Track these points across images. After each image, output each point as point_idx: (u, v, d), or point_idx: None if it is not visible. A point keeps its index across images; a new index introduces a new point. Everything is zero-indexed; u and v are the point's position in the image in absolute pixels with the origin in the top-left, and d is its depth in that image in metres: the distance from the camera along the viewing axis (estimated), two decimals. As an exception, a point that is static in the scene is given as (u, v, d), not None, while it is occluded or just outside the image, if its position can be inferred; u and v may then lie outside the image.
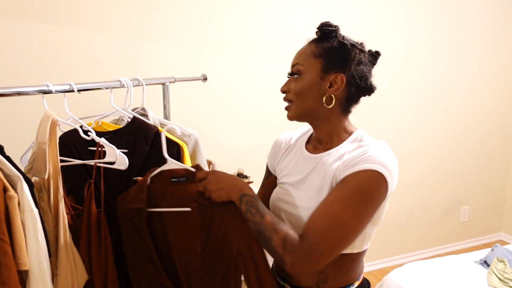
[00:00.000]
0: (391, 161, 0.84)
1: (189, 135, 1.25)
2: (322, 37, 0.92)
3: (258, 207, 0.85)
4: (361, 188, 0.81)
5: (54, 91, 0.96)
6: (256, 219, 0.84)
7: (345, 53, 0.91)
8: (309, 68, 0.91)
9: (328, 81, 0.91)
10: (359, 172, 0.82)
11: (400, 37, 2.57)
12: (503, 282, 1.95)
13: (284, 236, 0.80)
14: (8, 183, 0.84)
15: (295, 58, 0.96)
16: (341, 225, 0.80)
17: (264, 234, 0.82)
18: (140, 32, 1.91)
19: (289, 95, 0.95)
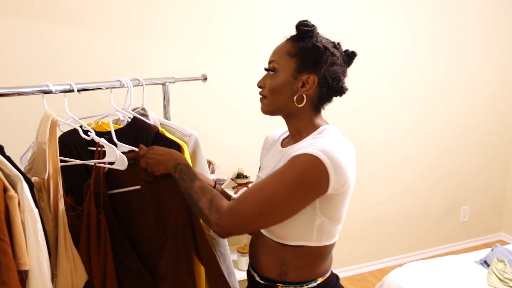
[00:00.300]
0: (338, 154, 0.85)
1: (189, 135, 1.25)
2: (299, 36, 0.95)
3: (189, 173, 0.92)
4: (299, 169, 0.84)
5: (54, 91, 0.96)
6: (187, 184, 0.91)
7: (318, 55, 0.93)
8: (284, 67, 0.95)
9: (300, 80, 0.94)
10: (301, 154, 0.85)
11: (400, 37, 2.57)
12: (503, 282, 1.95)
13: (211, 198, 0.87)
14: (8, 183, 0.84)
15: (272, 54, 0.98)
16: (271, 197, 0.84)
17: (193, 196, 0.89)
18: (140, 32, 1.91)
19: (263, 90, 0.99)
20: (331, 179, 0.84)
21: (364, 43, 2.47)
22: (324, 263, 0.99)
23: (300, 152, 0.85)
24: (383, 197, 2.75)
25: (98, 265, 1.01)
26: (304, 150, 0.85)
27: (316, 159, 0.82)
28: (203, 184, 0.91)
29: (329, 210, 0.90)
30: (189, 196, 0.90)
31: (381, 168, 2.69)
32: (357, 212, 2.67)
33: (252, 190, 0.87)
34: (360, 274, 2.73)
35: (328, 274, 1.02)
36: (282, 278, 0.97)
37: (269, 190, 0.84)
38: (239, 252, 2.00)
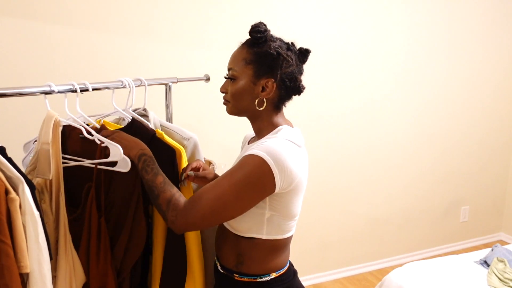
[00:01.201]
0: (283, 155, 0.89)
1: (189, 138, 1.23)
2: (252, 42, 0.99)
3: (153, 167, 0.95)
4: (245, 170, 0.89)
5: (57, 91, 0.96)
6: (149, 177, 0.94)
7: (273, 61, 0.97)
8: (242, 74, 0.99)
9: (259, 85, 0.98)
10: (248, 155, 0.90)
11: (400, 38, 2.56)
12: (503, 282, 1.95)
13: (170, 196, 0.92)
14: (10, 185, 0.83)
15: (230, 62, 1.02)
16: (221, 197, 0.89)
17: (154, 191, 0.93)
18: (143, 32, 1.90)
19: (226, 96, 1.03)
20: (276, 179, 0.89)
21: (364, 45, 2.46)
22: (279, 257, 1.03)
23: (248, 153, 0.90)
24: (383, 197, 2.75)
25: (96, 269, 1.00)
26: (251, 151, 0.90)
27: (262, 160, 0.88)
28: (165, 179, 0.94)
29: (279, 206, 0.95)
30: (150, 190, 0.94)
31: (381, 168, 2.69)
32: (357, 212, 2.67)
33: (206, 189, 0.91)
34: (360, 274, 2.73)
35: (284, 269, 1.06)
36: (238, 268, 1.02)
37: (220, 189, 0.90)
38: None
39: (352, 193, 2.62)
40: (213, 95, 2.10)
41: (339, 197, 2.59)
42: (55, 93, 0.95)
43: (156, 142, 1.10)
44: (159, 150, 1.08)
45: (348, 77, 2.45)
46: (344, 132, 2.49)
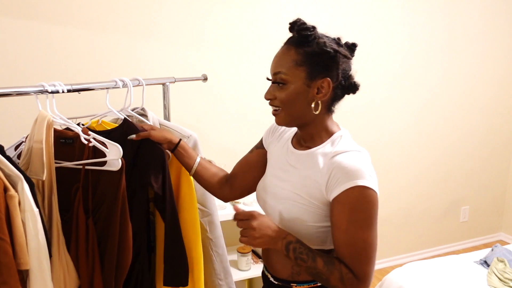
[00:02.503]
0: (369, 169, 0.89)
1: (188, 136, 1.25)
2: (300, 41, 0.91)
3: (307, 251, 0.89)
4: (359, 207, 0.86)
5: (55, 92, 0.96)
6: (309, 265, 0.88)
7: (329, 59, 0.91)
8: (294, 78, 0.90)
9: (315, 87, 0.91)
10: (349, 190, 0.86)
11: (400, 37, 2.57)
12: (503, 282, 1.95)
13: (339, 275, 0.87)
14: (9, 183, 0.84)
15: (276, 66, 0.94)
16: (369, 246, 0.88)
17: (321, 277, 0.89)
18: (140, 32, 1.91)
19: (275, 102, 0.95)
20: (377, 194, 0.89)
21: (364, 44, 2.47)
22: None
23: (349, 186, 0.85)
24: (383, 197, 2.75)
25: (86, 270, 1.00)
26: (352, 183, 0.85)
27: (368, 189, 0.86)
28: (324, 259, 0.88)
29: None
30: (316, 276, 0.89)
31: (381, 168, 2.69)
32: (357, 212, 2.67)
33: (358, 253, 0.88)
34: (360, 274, 2.72)
35: None
36: (295, 278, 1.00)
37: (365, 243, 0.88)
38: (239, 252, 2.00)
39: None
40: (211, 95, 2.12)
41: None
42: (52, 93, 0.96)
43: (146, 142, 1.09)
44: (149, 150, 1.08)
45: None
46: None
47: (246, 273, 2.00)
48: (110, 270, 1.01)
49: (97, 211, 1.03)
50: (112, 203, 1.00)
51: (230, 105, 2.18)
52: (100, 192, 1.02)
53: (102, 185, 1.02)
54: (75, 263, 1.00)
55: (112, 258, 1.01)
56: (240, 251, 2.00)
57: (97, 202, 1.03)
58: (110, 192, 1.01)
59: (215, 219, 1.38)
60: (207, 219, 1.35)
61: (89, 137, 1.00)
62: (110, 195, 1.00)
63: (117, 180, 0.99)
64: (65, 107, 1.11)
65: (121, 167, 0.98)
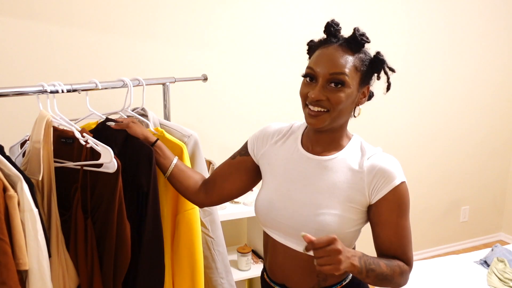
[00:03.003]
0: (399, 164, 0.95)
1: (189, 135, 1.25)
2: (356, 46, 0.93)
3: (372, 260, 0.90)
4: (404, 201, 0.93)
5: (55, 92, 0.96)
6: (378, 273, 0.89)
7: (379, 69, 0.96)
8: (352, 81, 0.91)
9: (361, 93, 0.96)
10: (396, 188, 0.91)
11: (400, 37, 2.57)
12: (503, 282, 1.95)
13: (400, 270, 0.92)
14: (8, 183, 0.84)
15: (337, 66, 0.89)
16: (410, 234, 0.96)
17: (387, 279, 0.91)
18: (141, 32, 1.91)
19: (324, 102, 0.90)
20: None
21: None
22: None
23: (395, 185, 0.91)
24: (383, 197, 2.75)
25: (85, 270, 1.00)
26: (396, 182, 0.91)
27: (405, 184, 0.93)
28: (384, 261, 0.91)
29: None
30: (383, 280, 0.91)
31: (381, 168, 2.69)
32: (357, 212, 2.67)
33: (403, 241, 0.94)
34: (360, 274, 2.72)
35: None
36: (321, 285, 0.98)
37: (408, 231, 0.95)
38: (239, 252, 2.00)
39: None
40: (211, 95, 2.12)
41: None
42: (52, 93, 0.96)
43: (131, 141, 1.07)
44: (136, 149, 1.06)
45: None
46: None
47: (246, 273, 1.99)
48: (108, 270, 1.01)
49: (96, 211, 1.02)
50: (109, 204, 1.00)
51: (230, 105, 2.18)
52: (98, 193, 1.02)
53: (100, 186, 1.02)
54: (74, 263, 1.00)
55: (110, 258, 1.01)
56: (240, 251, 2.00)
57: (96, 202, 1.02)
58: (107, 192, 1.00)
59: (216, 218, 1.37)
60: (208, 219, 1.35)
61: (86, 138, 1.00)
62: (108, 195, 1.00)
63: (114, 181, 0.98)
64: (65, 107, 1.11)
65: (117, 169, 0.97)
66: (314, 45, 0.97)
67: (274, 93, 2.25)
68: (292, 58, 2.20)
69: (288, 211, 0.95)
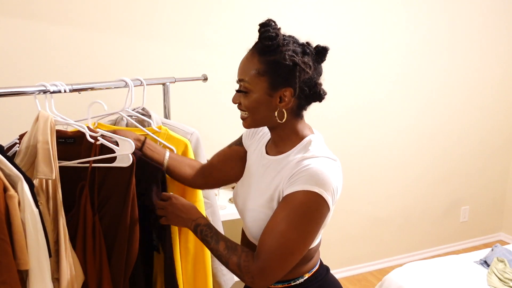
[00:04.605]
0: (329, 178, 0.86)
1: (191, 133, 1.28)
2: (263, 49, 0.90)
3: (212, 234, 0.96)
4: (302, 209, 0.85)
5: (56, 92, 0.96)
6: (212, 246, 0.95)
7: (289, 71, 0.89)
8: (256, 87, 0.90)
9: (277, 97, 0.91)
10: (298, 192, 0.85)
11: (400, 37, 2.57)
12: (503, 282, 1.95)
13: (238, 260, 0.90)
14: (9, 183, 0.84)
15: (240, 72, 0.94)
16: (287, 245, 0.86)
17: (222, 259, 0.93)
18: (141, 32, 1.91)
19: (241, 106, 0.96)
20: (330, 204, 0.87)
21: (364, 44, 2.47)
22: (310, 261, 1.01)
23: (299, 189, 0.84)
24: (383, 197, 2.75)
25: (93, 267, 1.00)
26: (303, 187, 0.84)
27: (318, 196, 0.84)
28: (227, 244, 0.93)
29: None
30: (218, 258, 0.94)
31: (381, 168, 2.69)
32: (357, 212, 2.67)
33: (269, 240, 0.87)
34: (360, 274, 2.73)
35: (316, 268, 1.03)
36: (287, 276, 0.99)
37: (286, 240, 0.85)
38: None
39: (352, 193, 2.63)
40: (211, 95, 2.12)
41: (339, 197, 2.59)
42: (52, 92, 0.96)
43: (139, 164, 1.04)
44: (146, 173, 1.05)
45: (348, 77, 2.46)
46: (343, 132, 2.50)
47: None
48: (119, 265, 1.02)
49: (102, 208, 1.03)
50: (121, 199, 1.01)
51: (230, 105, 2.16)
52: (106, 189, 1.03)
53: (109, 182, 1.02)
54: (82, 260, 1.00)
55: (122, 253, 1.02)
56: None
57: (102, 199, 1.03)
58: (118, 188, 1.01)
59: (216, 209, 1.42)
60: (210, 211, 1.39)
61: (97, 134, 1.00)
62: (119, 191, 1.01)
63: (128, 175, 1.00)
64: (66, 107, 1.11)
65: (132, 163, 0.98)
66: None
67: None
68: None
69: (238, 204, 1.07)
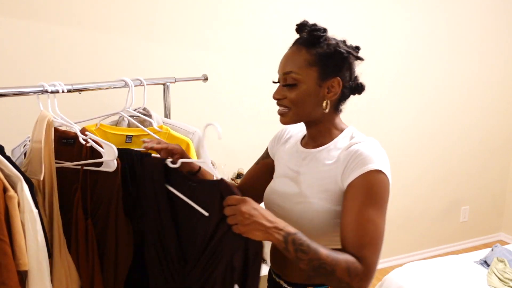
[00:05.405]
0: (382, 155, 0.89)
1: (193, 132, 1.29)
2: (312, 42, 0.93)
3: (308, 243, 0.81)
4: (375, 189, 0.86)
5: (56, 92, 0.96)
6: (311, 257, 0.80)
7: (342, 60, 0.93)
8: (306, 78, 0.92)
9: (325, 87, 0.93)
10: (360, 177, 0.86)
11: (400, 37, 2.57)
12: (503, 282, 1.95)
13: (346, 265, 0.81)
14: (8, 184, 0.84)
15: (286, 66, 0.94)
16: (377, 231, 0.85)
17: (325, 268, 0.81)
18: (141, 32, 1.91)
19: (284, 101, 0.95)
20: (390, 181, 0.88)
21: (363, 44, 2.46)
22: None
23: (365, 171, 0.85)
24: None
25: (86, 271, 1.00)
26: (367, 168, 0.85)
27: (383, 173, 0.86)
28: (327, 250, 0.82)
29: None
30: (318, 268, 0.81)
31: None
32: (357, 212, 2.67)
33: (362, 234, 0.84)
34: (360, 274, 2.73)
35: None
36: (312, 280, 0.98)
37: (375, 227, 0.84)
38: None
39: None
40: (211, 95, 2.12)
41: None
42: (53, 92, 0.96)
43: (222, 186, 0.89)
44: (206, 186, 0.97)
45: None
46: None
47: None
48: (109, 271, 1.01)
49: (96, 212, 1.02)
50: (109, 204, 1.00)
51: (230, 105, 2.17)
52: (98, 193, 1.02)
53: (99, 186, 1.01)
54: (76, 264, 0.99)
55: (110, 258, 1.01)
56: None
57: (96, 203, 1.02)
58: (106, 192, 1.00)
59: None
60: None
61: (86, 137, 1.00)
62: (107, 195, 1.00)
63: (113, 180, 0.98)
64: (66, 107, 1.11)
65: (117, 168, 0.97)
66: None
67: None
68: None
69: (280, 202, 1.00)
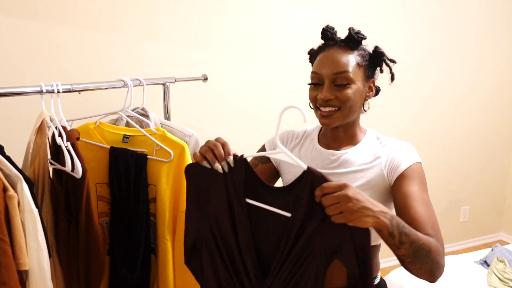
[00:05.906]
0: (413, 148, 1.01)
1: (190, 135, 1.26)
2: (355, 43, 0.99)
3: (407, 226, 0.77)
4: (423, 177, 0.96)
5: (55, 91, 0.96)
6: (413, 238, 0.76)
7: (380, 62, 1.02)
8: (357, 77, 0.96)
9: (368, 87, 1.01)
10: (412, 166, 0.95)
11: (400, 37, 2.57)
12: (503, 282, 1.95)
13: (435, 244, 0.79)
14: (8, 183, 0.84)
15: (338, 66, 0.94)
16: (435, 214, 0.91)
17: (424, 249, 0.77)
18: (141, 32, 1.91)
19: (334, 101, 0.94)
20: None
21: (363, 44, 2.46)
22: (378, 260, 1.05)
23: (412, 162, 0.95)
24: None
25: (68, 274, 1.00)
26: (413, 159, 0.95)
27: (421, 164, 0.98)
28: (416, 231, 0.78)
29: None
30: (418, 249, 0.76)
31: (381, 168, 2.69)
32: (357, 212, 2.67)
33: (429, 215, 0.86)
34: (360, 274, 2.72)
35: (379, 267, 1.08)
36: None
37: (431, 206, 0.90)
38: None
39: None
40: (211, 95, 2.12)
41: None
42: (53, 92, 0.96)
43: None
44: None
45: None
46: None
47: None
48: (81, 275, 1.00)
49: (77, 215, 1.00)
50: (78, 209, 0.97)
51: (230, 105, 2.17)
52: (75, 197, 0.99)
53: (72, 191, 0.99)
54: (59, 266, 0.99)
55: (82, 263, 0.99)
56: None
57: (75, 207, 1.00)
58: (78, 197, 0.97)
59: None
60: None
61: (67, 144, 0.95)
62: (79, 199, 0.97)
63: (81, 186, 0.95)
64: (66, 107, 1.11)
65: (83, 175, 0.94)
66: (314, 52, 1.03)
67: (274, 93, 2.25)
68: (292, 58, 2.20)
69: None
